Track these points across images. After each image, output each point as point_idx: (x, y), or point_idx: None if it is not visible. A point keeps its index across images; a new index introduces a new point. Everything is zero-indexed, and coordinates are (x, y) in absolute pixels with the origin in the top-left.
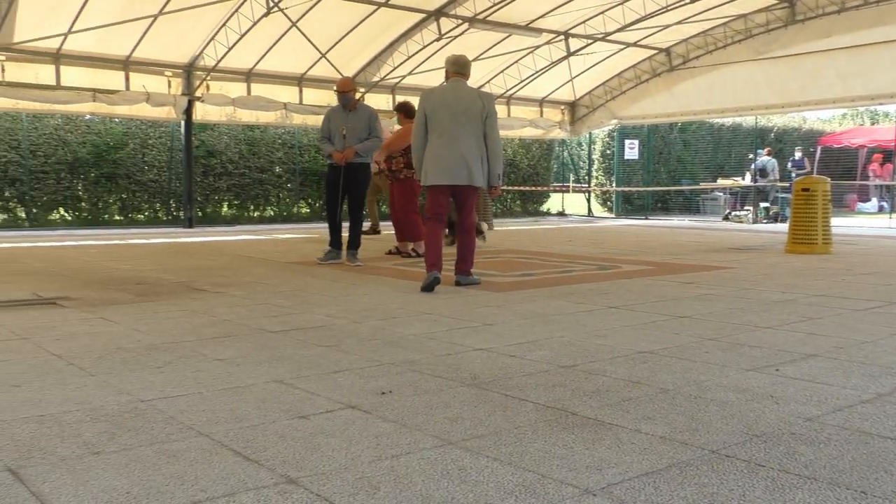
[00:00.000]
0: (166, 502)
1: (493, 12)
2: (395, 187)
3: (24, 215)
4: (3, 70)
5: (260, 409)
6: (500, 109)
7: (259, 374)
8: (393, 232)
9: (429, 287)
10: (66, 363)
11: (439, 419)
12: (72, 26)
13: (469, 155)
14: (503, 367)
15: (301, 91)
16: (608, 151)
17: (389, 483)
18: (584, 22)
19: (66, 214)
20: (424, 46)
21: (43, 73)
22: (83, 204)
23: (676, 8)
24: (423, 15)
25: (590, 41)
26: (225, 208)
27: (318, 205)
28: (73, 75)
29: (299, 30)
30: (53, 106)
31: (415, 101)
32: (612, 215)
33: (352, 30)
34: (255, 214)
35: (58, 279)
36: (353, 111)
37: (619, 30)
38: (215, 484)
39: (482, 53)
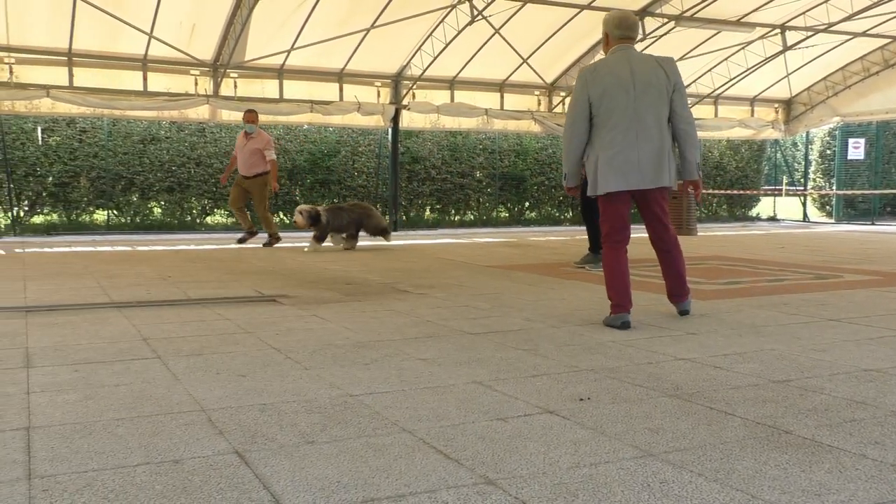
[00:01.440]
0: (372, 493)
1: (701, 9)
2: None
3: (249, 219)
4: (235, 86)
5: (460, 408)
6: (707, 110)
7: (459, 374)
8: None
9: (625, 326)
10: (284, 357)
11: (639, 429)
12: (293, 44)
13: (659, 146)
14: (708, 379)
15: (502, 97)
16: (828, 152)
17: (588, 491)
18: (803, 13)
19: (284, 218)
20: None
21: (268, 88)
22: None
23: None
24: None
25: (810, 34)
26: (427, 212)
27: (516, 209)
28: (294, 88)
29: (502, 36)
30: (277, 118)
31: None
32: (832, 220)
33: (553, 34)
34: (456, 218)
35: (277, 278)
36: None
37: (845, 19)
38: (418, 480)
39: (688, 52)
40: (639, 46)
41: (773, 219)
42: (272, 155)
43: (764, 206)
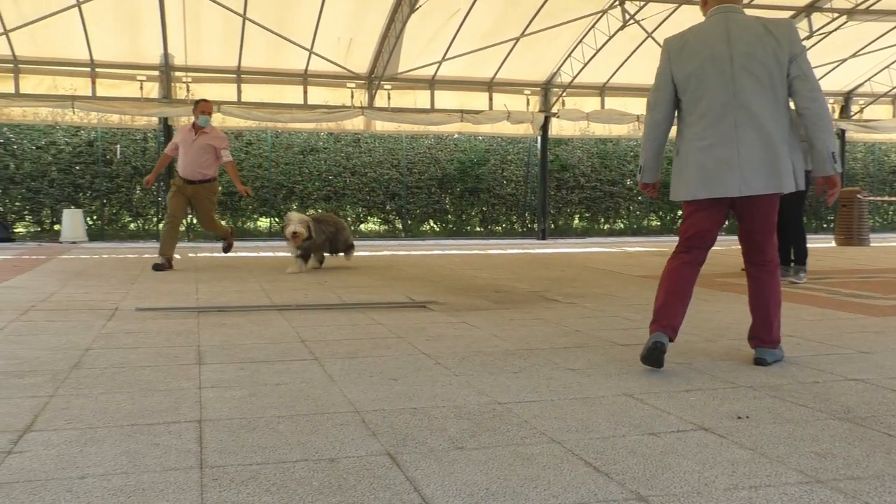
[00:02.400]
0: (520, 502)
1: (876, 0)
2: None
3: (400, 226)
4: (389, 98)
5: (609, 421)
6: (884, 110)
7: (609, 386)
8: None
9: (651, 357)
10: (434, 362)
11: (805, 453)
12: (444, 55)
13: (768, 138)
14: (885, 403)
15: None
16: None
17: None
18: None
19: (434, 226)
20: None
21: (420, 98)
22: (449, 216)
23: None
24: (792, 11)
25: None
26: (576, 220)
27: (668, 218)
28: (444, 98)
29: (654, 40)
30: (428, 127)
31: None
32: None
33: None
34: (605, 227)
35: (427, 284)
36: None
37: None
38: (566, 491)
39: (861, 49)
40: (804, 45)
41: None
42: (229, 156)
43: None
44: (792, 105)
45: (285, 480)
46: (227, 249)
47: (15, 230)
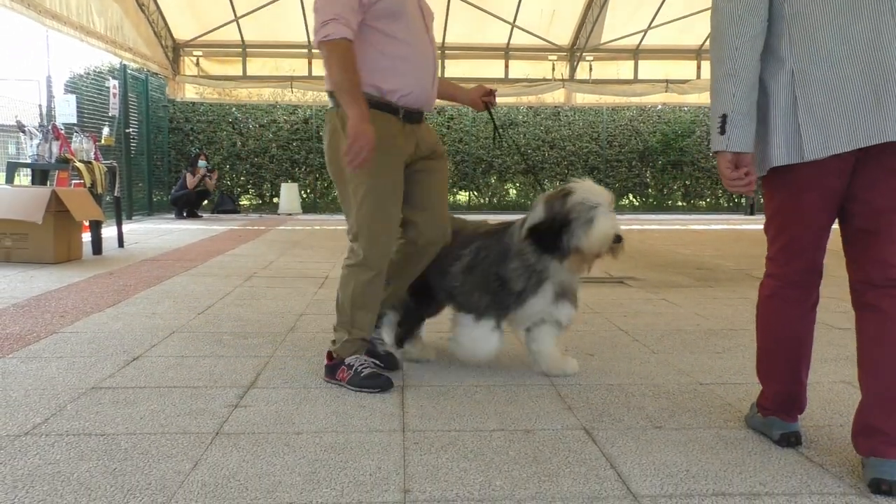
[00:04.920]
0: (724, 488)
1: None
2: None
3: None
4: (591, 69)
5: (825, 409)
6: None
7: (825, 371)
8: None
9: (784, 442)
10: (631, 339)
11: None
12: (651, 23)
13: None
14: None
15: None
16: None
17: None
18: None
19: (633, 200)
20: None
21: (623, 69)
22: (650, 190)
23: None
24: None
25: None
26: None
27: None
28: (649, 69)
29: None
30: (630, 99)
31: None
32: None
33: None
34: None
35: (625, 260)
36: None
37: None
38: (775, 480)
39: None
40: None
41: None
42: None
43: None
44: None
45: (482, 448)
46: None
47: (240, 203)
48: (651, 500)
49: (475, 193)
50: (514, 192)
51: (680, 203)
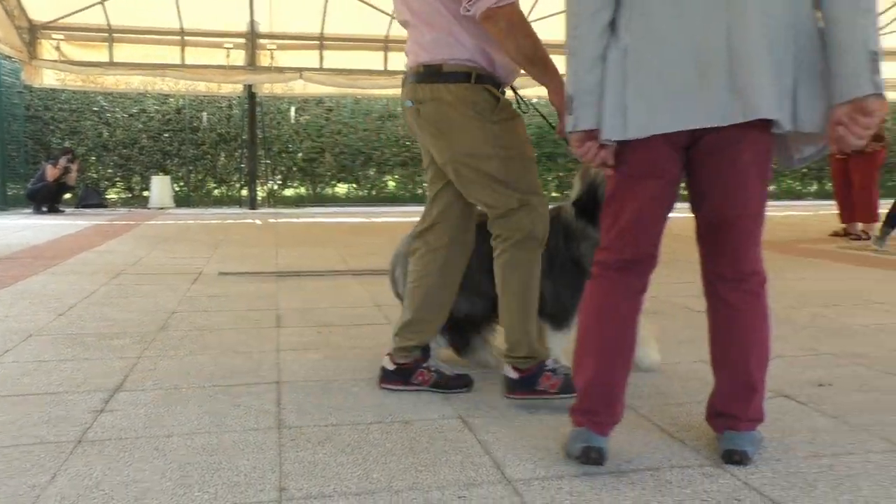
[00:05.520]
0: (592, 468)
1: None
2: (852, 162)
3: None
4: None
5: (684, 388)
6: None
7: (682, 352)
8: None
9: (584, 458)
10: None
11: (890, 422)
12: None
13: (755, 40)
14: None
15: None
16: None
17: (827, 482)
18: None
19: None
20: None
21: None
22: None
23: None
24: None
25: None
26: None
27: None
28: None
29: None
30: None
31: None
32: None
33: None
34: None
35: None
36: None
37: None
38: (640, 457)
39: None
40: None
41: None
42: None
43: None
44: None
45: (360, 442)
46: None
47: (107, 196)
48: (524, 484)
49: (354, 186)
50: (394, 184)
51: (554, 194)
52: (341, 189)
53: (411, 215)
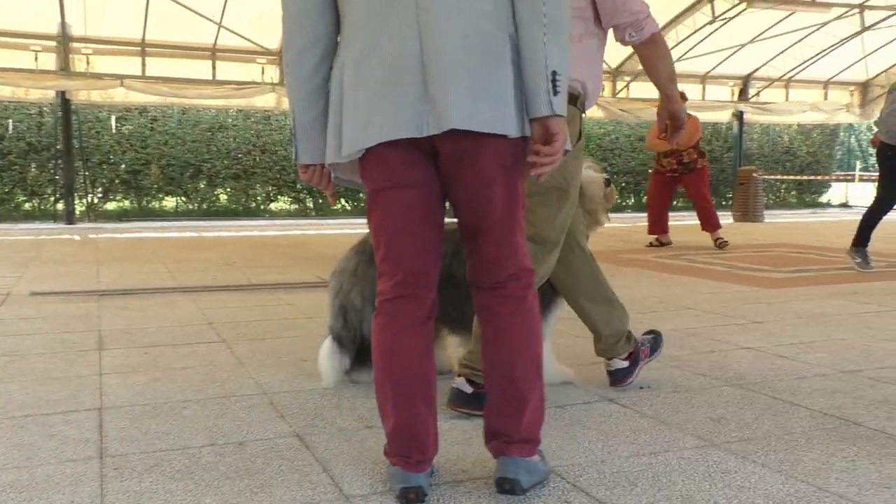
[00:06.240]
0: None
1: None
2: (685, 179)
3: (311, 205)
4: None
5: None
6: (777, 94)
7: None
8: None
9: (403, 499)
10: None
11: (701, 419)
12: None
13: (448, 49)
14: (773, 369)
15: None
16: None
17: (647, 479)
18: None
19: (346, 205)
20: (696, 30)
21: None
22: (361, 195)
23: None
24: None
25: (891, 12)
26: None
27: None
28: None
29: None
30: None
31: (687, 88)
32: None
33: None
34: None
35: None
36: None
37: None
38: (474, 467)
39: (759, 35)
40: (707, 30)
41: (844, 205)
42: None
43: (835, 193)
44: None
45: (191, 467)
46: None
47: None
48: (362, 499)
49: (183, 199)
50: (226, 197)
51: None
52: (169, 202)
53: (246, 229)
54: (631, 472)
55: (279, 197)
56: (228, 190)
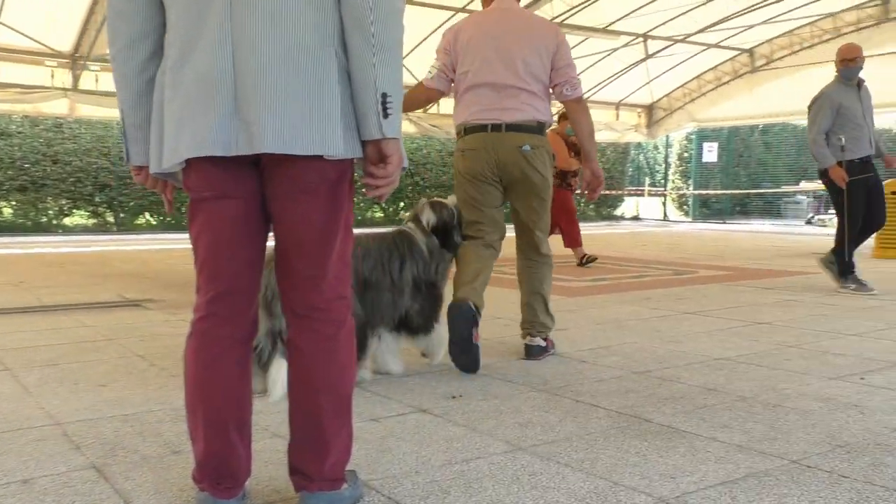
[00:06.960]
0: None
1: (570, 16)
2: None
3: (112, 220)
4: (97, 81)
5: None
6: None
7: None
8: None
9: None
10: (148, 364)
11: (510, 424)
12: None
13: (263, 67)
14: (575, 373)
15: None
16: (686, 154)
17: (460, 487)
18: (664, 23)
19: (151, 219)
20: None
21: None
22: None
23: (761, 7)
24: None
25: (670, 43)
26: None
27: (391, 209)
28: None
29: None
30: None
31: None
32: (689, 219)
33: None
34: None
35: (142, 281)
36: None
37: (700, 31)
38: (287, 486)
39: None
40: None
41: (636, 218)
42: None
43: (628, 206)
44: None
45: None
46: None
47: None
48: None
49: None
50: (10, 211)
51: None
52: None
53: (36, 246)
54: (444, 481)
55: (74, 211)
56: (14, 203)
